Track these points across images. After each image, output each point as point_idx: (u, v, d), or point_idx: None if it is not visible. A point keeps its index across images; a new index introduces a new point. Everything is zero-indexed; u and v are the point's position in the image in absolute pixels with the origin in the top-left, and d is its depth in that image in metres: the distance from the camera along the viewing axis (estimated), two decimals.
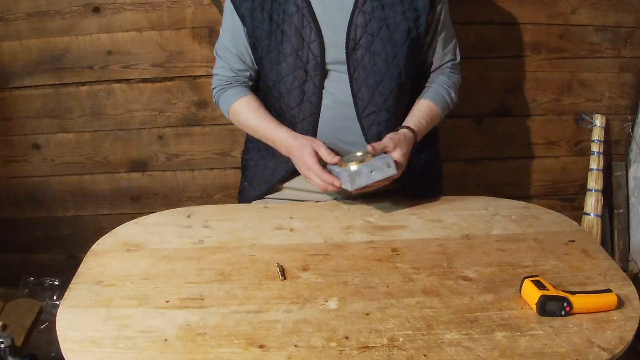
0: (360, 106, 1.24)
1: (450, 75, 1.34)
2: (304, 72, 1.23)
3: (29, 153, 1.90)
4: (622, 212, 1.97)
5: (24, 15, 1.70)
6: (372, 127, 1.25)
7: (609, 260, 1.04)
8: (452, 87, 1.33)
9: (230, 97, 1.31)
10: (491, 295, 0.94)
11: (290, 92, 1.25)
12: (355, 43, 1.21)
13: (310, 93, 1.24)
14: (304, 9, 1.20)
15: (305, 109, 1.26)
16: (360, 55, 1.21)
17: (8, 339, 1.07)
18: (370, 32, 1.20)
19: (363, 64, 1.22)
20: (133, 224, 1.17)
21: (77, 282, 0.99)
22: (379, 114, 1.24)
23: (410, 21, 1.21)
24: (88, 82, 1.79)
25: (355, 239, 1.12)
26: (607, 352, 0.82)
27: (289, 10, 1.21)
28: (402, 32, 1.21)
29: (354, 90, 1.23)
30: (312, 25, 1.20)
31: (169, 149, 1.89)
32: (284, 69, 1.23)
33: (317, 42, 1.21)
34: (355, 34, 1.21)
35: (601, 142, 1.88)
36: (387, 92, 1.24)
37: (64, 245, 2.04)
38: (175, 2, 1.69)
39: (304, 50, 1.21)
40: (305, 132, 1.27)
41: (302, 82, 1.24)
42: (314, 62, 1.22)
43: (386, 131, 1.26)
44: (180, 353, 0.82)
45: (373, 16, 1.20)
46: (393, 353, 0.82)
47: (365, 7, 1.20)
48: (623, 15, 1.76)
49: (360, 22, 1.20)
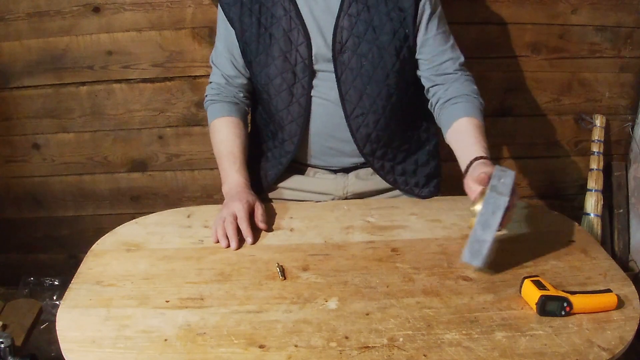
0: (348, 108, 1.23)
1: (463, 80, 1.25)
2: (292, 74, 1.23)
3: (29, 153, 1.90)
4: (622, 212, 1.97)
5: (24, 15, 1.70)
6: (360, 129, 1.25)
7: (609, 260, 1.04)
8: (474, 92, 1.24)
9: (216, 112, 1.30)
10: (491, 295, 0.94)
11: (279, 94, 1.25)
12: (341, 46, 1.21)
13: (299, 95, 1.24)
14: (292, 12, 1.20)
15: (294, 110, 1.26)
16: (347, 58, 1.21)
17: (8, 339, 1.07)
18: (357, 35, 1.20)
19: (350, 66, 1.21)
20: (133, 224, 1.17)
21: (77, 282, 0.99)
22: (367, 116, 1.24)
23: (395, 22, 1.20)
24: (88, 82, 1.79)
25: (355, 239, 1.12)
26: (607, 352, 0.82)
27: (277, 14, 1.21)
28: (388, 34, 1.20)
29: (341, 92, 1.23)
30: (299, 28, 1.20)
31: (169, 149, 1.89)
32: (272, 72, 1.23)
33: (304, 44, 1.21)
34: (341, 37, 1.20)
35: (601, 142, 1.88)
36: (374, 94, 1.23)
37: (64, 245, 2.04)
38: (175, 2, 1.70)
39: (292, 53, 1.22)
40: (294, 134, 1.27)
41: (291, 84, 1.24)
42: (302, 64, 1.22)
43: (375, 133, 1.25)
44: (180, 353, 0.82)
45: (359, 18, 1.19)
46: (393, 353, 0.82)
47: (350, 9, 1.19)
48: (623, 15, 1.76)
49: (346, 24, 1.20)
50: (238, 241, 1.08)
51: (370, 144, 1.27)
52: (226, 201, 1.17)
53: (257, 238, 1.11)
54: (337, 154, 1.31)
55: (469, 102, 1.21)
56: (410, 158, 1.34)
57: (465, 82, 1.25)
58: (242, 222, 1.10)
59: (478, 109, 1.22)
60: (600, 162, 1.89)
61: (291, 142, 1.29)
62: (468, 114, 1.19)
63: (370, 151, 1.28)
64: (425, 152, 1.36)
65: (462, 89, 1.23)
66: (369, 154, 1.28)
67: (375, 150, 1.28)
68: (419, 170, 1.34)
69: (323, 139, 1.29)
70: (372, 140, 1.27)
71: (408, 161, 1.34)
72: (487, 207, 0.92)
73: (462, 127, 1.18)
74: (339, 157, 1.32)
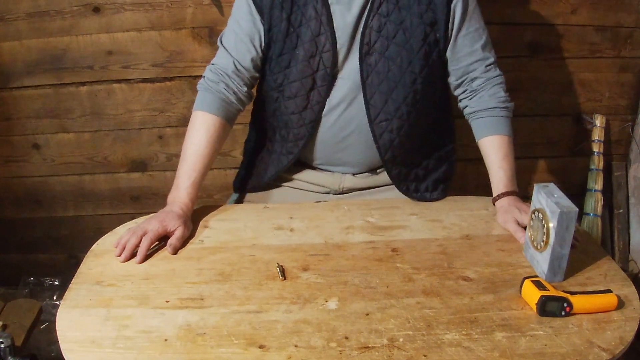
0: (372, 113, 1.20)
1: (491, 86, 1.23)
2: (312, 80, 1.19)
3: (29, 153, 1.90)
4: (622, 212, 1.97)
5: (24, 15, 1.70)
6: (384, 135, 1.22)
7: (609, 260, 1.04)
8: (501, 100, 1.23)
9: (204, 103, 1.21)
10: (491, 295, 0.94)
11: (294, 97, 1.21)
12: (369, 47, 1.16)
13: (315, 102, 1.21)
14: (323, 15, 1.15)
15: (306, 116, 1.23)
16: (374, 61, 1.17)
17: (8, 339, 1.07)
18: (386, 36, 1.16)
19: (377, 69, 1.17)
20: (133, 224, 1.17)
21: (77, 282, 0.99)
22: (392, 122, 1.21)
23: (427, 25, 1.16)
24: (88, 82, 1.79)
25: (355, 239, 1.12)
26: (607, 352, 0.82)
27: (307, 14, 1.16)
28: (419, 38, 1.16)
29: (366, 96, 1.19)
30: (328, 35, 1.16)
31: (169, 149, 1.89)
32: (292, 74, 1.20)
33: (330, 52, 1.17)
34: (369, 38, 1.16)
35: (601, 142, 1.88)
36: (400, 100, 1.19)
37: (64, 245, 2.04)
38: (175, 2, 1.70)
39: (315, 59, 1.17)
40: (302, 137, 1.25)
41: (309, 89, 1.20)
42: (323, 72, 1.18)
43: (398, 139, 1.23)
44: (180, 353, 0.82)
45: (389, 19, 1.15)
46: (393, 353, 0.82)
47: (381, 9, 1.15)
48: (623, 15, 1.76)
49: (375, 25, 1.15)
50: (128, 257, 1.03)
51: (392, 151, 1.24)
52: (159, 212, 1.12)
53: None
54: (341, 163, 1.30)
55: (493, 117, 1.22)
56: (423, 163, 1.32)
57: (493, 89, 1.23)
58: (145, 240, 1.05)
59: (502, 124, 1.22)
60: (600, 162, 1.89)
61: (296, 145, 1.27)
62: (490, 131, 1.22)
63: (392, 157, 1.25)
64: (436, 158, 1.34)
65: (487, 100, 1.23)
66: (389, 160, 1.25)
67: (397, 156, 1.26)
68: (429, 175, 1.32)
69: (330, 148, 1.26)
70: (395, 146, 1.24)
71: (421, 166, 1.31)
72: (560, 224, 0.92)
73: (485, 148, 1.23)
74: (341, 166, 1.31)
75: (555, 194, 0.96)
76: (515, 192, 1.18)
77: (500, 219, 1.15)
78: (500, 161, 1.20)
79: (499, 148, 1.21)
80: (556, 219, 0.92)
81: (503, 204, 1.16)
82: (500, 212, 1.16)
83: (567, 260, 0.96)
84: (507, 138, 1.22)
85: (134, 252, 1.05)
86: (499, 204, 1.18)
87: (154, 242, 1.07)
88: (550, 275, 0.97)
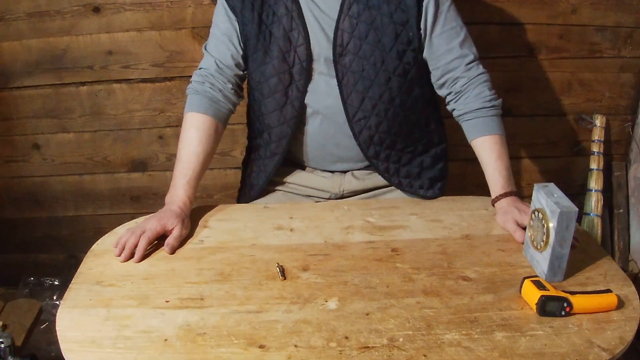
0: (350, 111, 1.22)
1: (475, 85, 1.22)
2: (289, 76, 1.21)
3: (29, 153, 1.90)
4: (622, 212, 1.97)
5: (24, 15, 1.70)
6: (363, 132, 1.24)
7: (609, 260, 1.04)
8: (487, 99, 1.22)
9: (193, 105, 1.23)
10: (491, 295, 0.94)
11: (273, 94, 1.23)
12: (342, 49, 1.18)
13: (294, 97, 1.23)
14: (294, 11, 1.19)
15: (287, 112, 1.24)
16: (348, 61, 1.19)
17: (8, 339, 1.07)
18: (358, 37, 1.17)
19: (352, 69, 1.19)
20: (133, 224, 1.17)
21: (77, 282, 0.99)
22: (370, 119, 1.23)
23: (398, 24, 1.17)
24: (88, 82, 1.79)
25: (355, 239, 1.12)
26: (607, 352, 0.82)
27: (278, 12, 1.19)
28: (390, 37, 1.17)
29: (343, 96, 1.21)
30: (300, 29, 1.19)
31: (169, 149, 1.89)
32: (269, 71, 1.21)
33: (304, 46, 1.19)
34: (342, 39, 1.18)
35: (601, 142, 1.88)
36: (376, 97, 1.21)
37: (64, 245, 2.04)
38: (175, 2, 1.70)
39: (290, 53, 1.20)
40: (285, 135, 1.26)
41: (287, 85, 1.22)
42: (299, 66, 1.20)
43: (377, 135, 1.24)
44: (180, 353, 0.82)
45: (360, 20, 1.17)
46: (393, 353, 0.82)
47: (351, 10, 1.17)
48: (623, 15, 1.76)
49: (346, 26, 1.17)
50: (127, 257, 1.04)
51: (374, 147, 1.26)
52: (157, 212, 1.13)
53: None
54: (336, 159, 1.30)
55: (481, 118, 1.22)
56: (416, 160, 1.32)
57: (477, 88, 1.22)
58: (143, 239, 1.05)
59: (491, 123, 1.22)
60: (600, 162, 1.89)
61: (280, 145, 1.27)
62: (480, 133, 1.22)
63: (374, 154, 1.27)
64: (431, 155, 1.34)
65: (473, 101, 1.22)
66: (373, 156, 1.27)
67: (379, 152, 1.27)
68: (424, 172, 1.33)
69: (321, 145, 1.28)
70: (375, 142, 1.25)
71: (413, 163, 1.32)
72: (560, 223, 0.92)
73: (478, 150, 1.23)
74: (338, 162, 1.31)
75: (555, 194, 0.96)
76: (513, 192, 1.18)
77: (500, 220, 1.15)
78: (494, 162, 1.20)
79: (491, 149, 1.20)
80: (556, 219, 0.92)
81: (502, 205, 1.17)
82: (500, 213, 1.16)
83: (567, 260, 0.96)
84: (497, 137, 1.21)
85: (134, 251, 1.05)
86: (499, 205, 1.18)
87: (152, 241, 1.08)
88: (550, 275, 0.97)
